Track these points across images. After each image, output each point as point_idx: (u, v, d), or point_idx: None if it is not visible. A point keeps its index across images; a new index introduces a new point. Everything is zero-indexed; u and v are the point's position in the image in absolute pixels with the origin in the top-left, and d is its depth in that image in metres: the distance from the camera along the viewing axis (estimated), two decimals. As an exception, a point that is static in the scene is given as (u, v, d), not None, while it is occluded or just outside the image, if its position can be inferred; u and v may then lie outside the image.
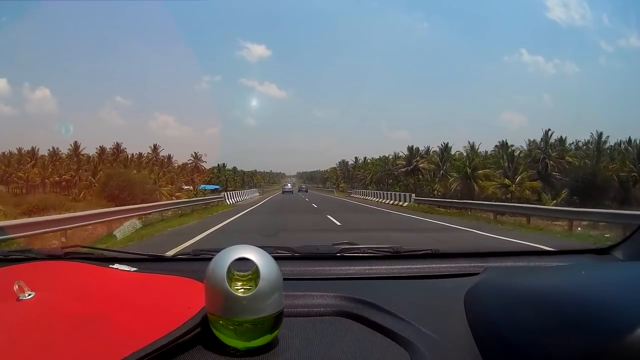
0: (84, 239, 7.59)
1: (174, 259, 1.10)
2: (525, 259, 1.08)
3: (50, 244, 6.34)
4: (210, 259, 0.63)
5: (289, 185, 51.00)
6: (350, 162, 71.35)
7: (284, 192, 44.32)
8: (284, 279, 0.64)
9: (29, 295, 0.70)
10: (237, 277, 0.63)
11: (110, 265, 0.89)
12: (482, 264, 0.97)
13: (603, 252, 1.05)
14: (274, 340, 0.64)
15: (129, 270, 0.86)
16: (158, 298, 0.74)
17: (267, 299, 0.61)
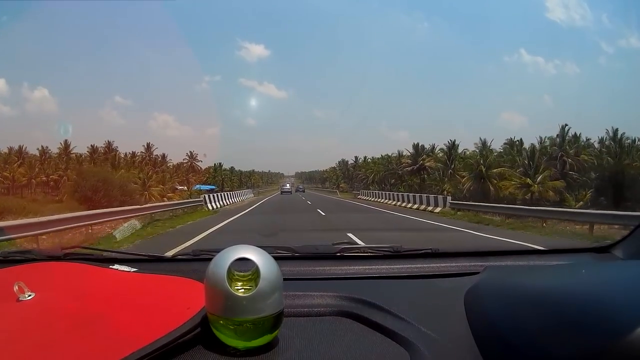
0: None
1: (174, 260, 1.10)
2: (525, 258, 1.08)
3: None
4: (210, 259, 0.64)
5: (288, 186, 50.72)
6: (351, 161, 70.92)
7: (282, 192, 44.05)
8: (284, 279, 0.64)
9: (29, 296, 0.70)
10: (237, 277, 0.63)
11: (110, 266, 0.89)
12: (482, 263, 0.97)
13: (603, 250, 1.05)
14: (274, 340, 0.64)
15: (129, 271, 0.86)
16: (158, 298, 0.74)
17: (267, 299, 0.61)
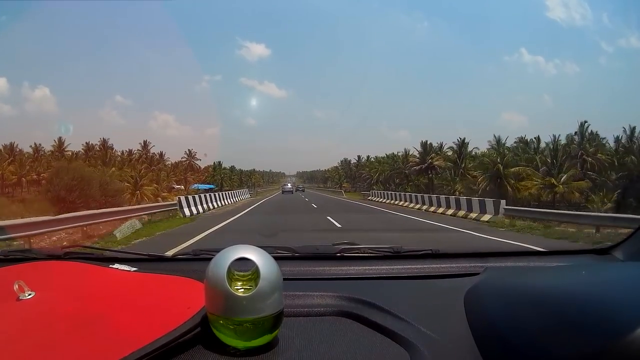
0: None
1: (174, 259, 1.10)
2: (525, 259, 1.08)
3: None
4: (211, 259, 0.63)
5: (289, 185, 50.74)
6: (353, 160, 70.43)
7: (284, 192, 44.19)
8: (284, 279, 0.64)
9: (29, 295, 0.70)
10: (237, 277, 0.63)
11: (110, 265, 0.89)
12: (482, 264, 0.97)
13: (603, 252, 1.05)
14: (274, 340, 0.64)
15: (129, 270, 0.86)
16: (158, 298, 0.74)
17: (267, 299, 0.61)
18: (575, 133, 32.06)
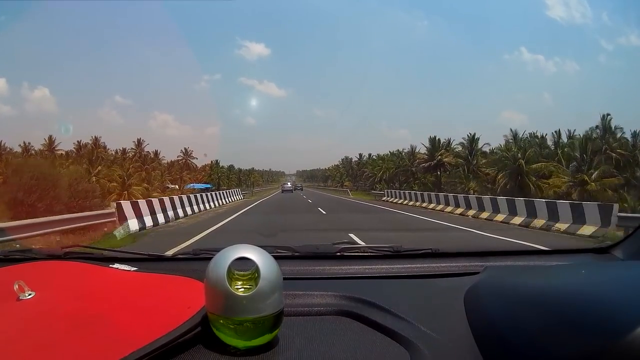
0: None
1: (174, 259, 1.10)
2: (525, 259, 1.08)
3: None
4: (211, 259, 0.64)
5: (289, 184, 51.02)
6: (354, 159, 69.74)
7: (284, 190, 44.57)
8: (284, 279, 0.64)
9: (29, 295, 0.70)
10: (237, 276, 0.63)
11: (110, 265, 0.89)
12: (482, 264, 0.97)
13: (603, 251, 1.05)
14: (274, 340, 0.65)
15: (129, 270, 0.86)
16: (158, 297, 0.74)
17: (267, 299, 0.61)
18: (597, 127, 28.80)
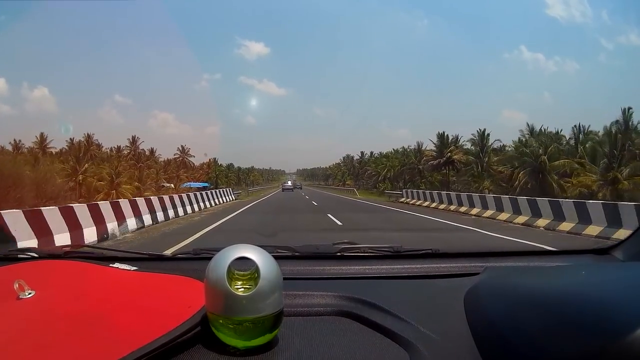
0: None
1: (174, 258, 1.10)
2: (526, 259, 1.08)
3: None
4: (211, 258, 0.64)
5: (289, 183, 51.21)
6: (356, 157, 68.88)
7: (284, 189, 44.77)
8: (284, 279, 0.64)
9: (29, 294, 0.70)
10: (237, 276, 0.63)
11: (111, 265, 0.89)
12: (482, 264, 0.97)
13: (603, 252, 1.05)
14: (274, 340, 0.64)
15: (129, 270, 0.86)
16: (158, 297, 0.74)
17: (267, 299, 0.61)
18: (617, 121, 26.32)
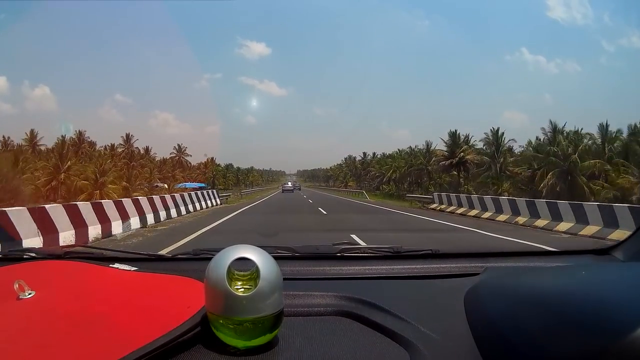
0: None
1: (174, 259, 1.10)
2: (526, 259, 1.08)
3: None
4: (211, 259, 0.64)
5: (289, 184, 50.66)
6: (358, 158, 67.81)
7: (284, 190, 44.24)
8: (284, 279, 0.64)
9: (29, 295, 0.70)
10: (237, 276, 0.63)
11: (111, 265, 0.89)
12: (482, 264, 0.97)
13: (603, 252, 1.05)
14: (274, 340, 0.64)
15: (129, 270, 0.86)
16: (158, 297, 0.74)
17: (267, 299, 0.61)
18: None
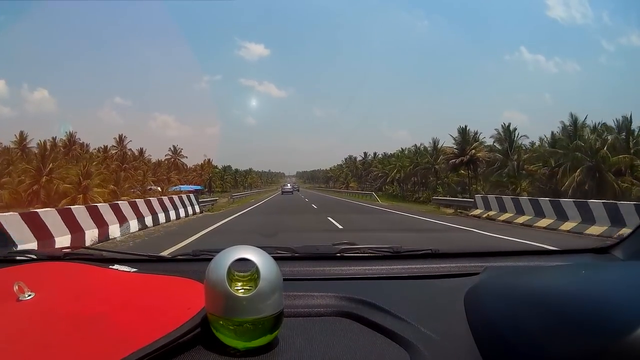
0: None
1: (174, 260, 1.10)
2: (525, 259, 1.08)
3: None
4: (210, 260, 0.63)
5: (289, 186, 50.14)
6: (359, 158, 66.26)
7: (283, 192, 43.68)
8: (284, 279, 0.64)
9: (29, 296, 0.70)
10: (237, 277, 0.63)
11: (110, 266, 0.89)
12: (482, 264, 0.97)
13: (603, 251, 1.05)
14: (274, 341, 0.64)
15: (129, 271, 0.86)
16: (158, 299, 0.74)
17: (267, 299, 0.61)
18: None
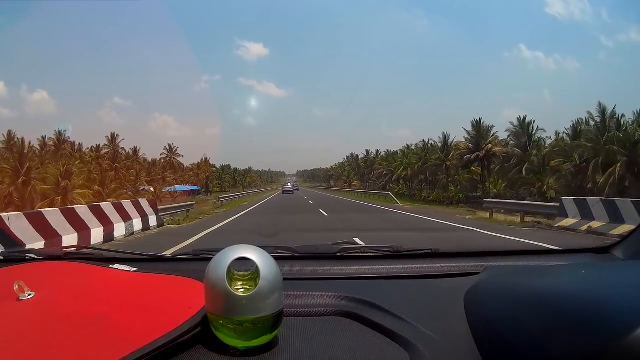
0: None
1: (174, 259, 1.10)
2: (525, 259, 1.08)
3: None
4: (210, 259, 0.64)
5: (289, 185, 49.68)
6: (361, 156, 64.53)
7: (284, 192, 43.29)
8: (284, 279, 0.64)
9: (29, 296, 0.70)
10: (237, 276, 0.63)
11: (110, 266, 0.89)
12: (482, 264, 0.97)
13: (603, 251, 1.05)
14: (274, 340, 0.64)
15: (129, 271, 0.86)
16: (158, 298, 0.74)
17: (267, 299, 0.61)
18: None
